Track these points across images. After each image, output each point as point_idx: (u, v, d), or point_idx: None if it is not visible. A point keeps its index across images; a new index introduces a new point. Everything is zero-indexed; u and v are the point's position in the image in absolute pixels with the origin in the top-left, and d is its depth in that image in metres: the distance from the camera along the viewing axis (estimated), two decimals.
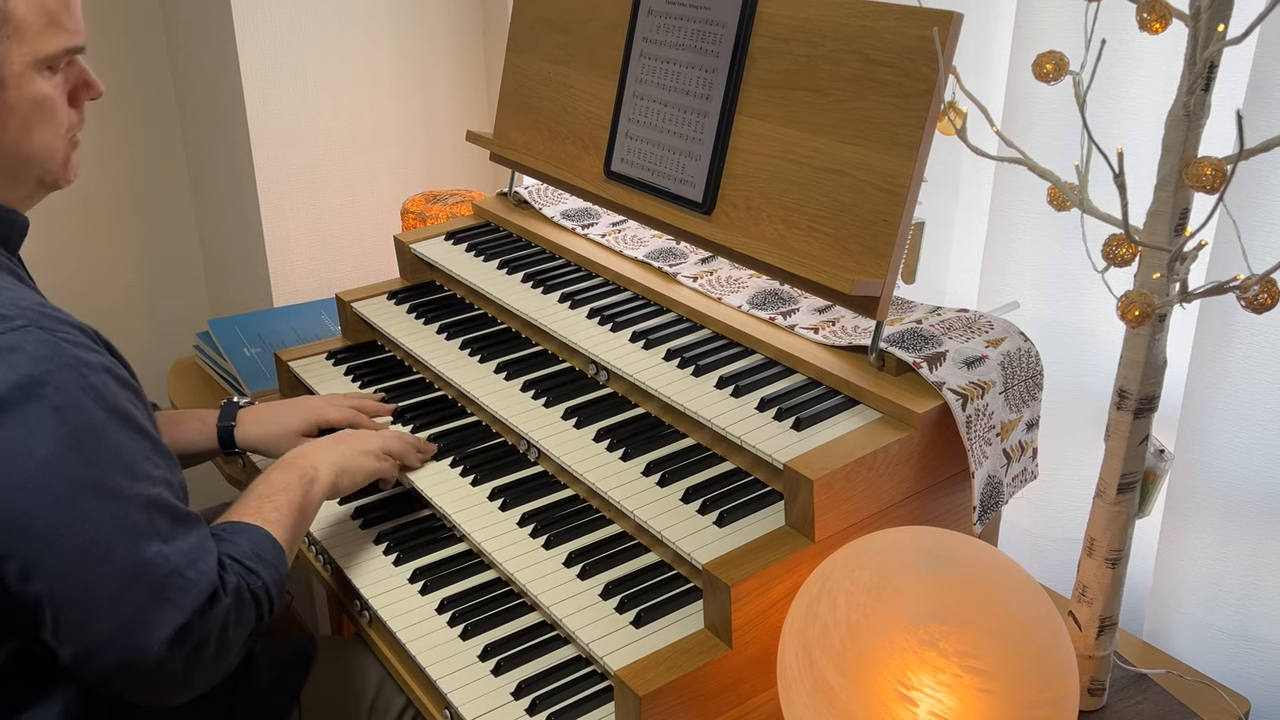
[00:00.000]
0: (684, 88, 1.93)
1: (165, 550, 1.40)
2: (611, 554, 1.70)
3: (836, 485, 1.53)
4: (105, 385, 1.42)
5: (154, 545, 1.39)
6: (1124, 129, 1.81)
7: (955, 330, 1.73)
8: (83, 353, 1.42)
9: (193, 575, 1.41)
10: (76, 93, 1.58)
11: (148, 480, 1.42)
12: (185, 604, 1.39)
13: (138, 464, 1.42)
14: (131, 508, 1.39)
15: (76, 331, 1.44)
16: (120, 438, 1.41)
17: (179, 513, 1.45)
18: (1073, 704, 1.33)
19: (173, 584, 1.39)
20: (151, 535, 1.40)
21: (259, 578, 1.52)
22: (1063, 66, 1.40)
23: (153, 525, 1.40)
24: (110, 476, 1.39)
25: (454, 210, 2.68)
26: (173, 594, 1.39)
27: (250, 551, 1.54)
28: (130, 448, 1.42)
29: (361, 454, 1.83)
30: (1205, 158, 1.30)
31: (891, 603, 1.31)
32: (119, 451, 1.41)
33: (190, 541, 1.43)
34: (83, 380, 1.40)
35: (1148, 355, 1.47)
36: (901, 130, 1.60)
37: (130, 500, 1.39)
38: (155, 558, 1.39)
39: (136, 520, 1.39)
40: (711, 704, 1.51)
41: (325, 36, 2.89)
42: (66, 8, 1.51)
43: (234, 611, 1.46)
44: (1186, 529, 1.78)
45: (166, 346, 3.36)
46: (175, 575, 1.39)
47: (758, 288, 1.94)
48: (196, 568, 1.42)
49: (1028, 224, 1.95)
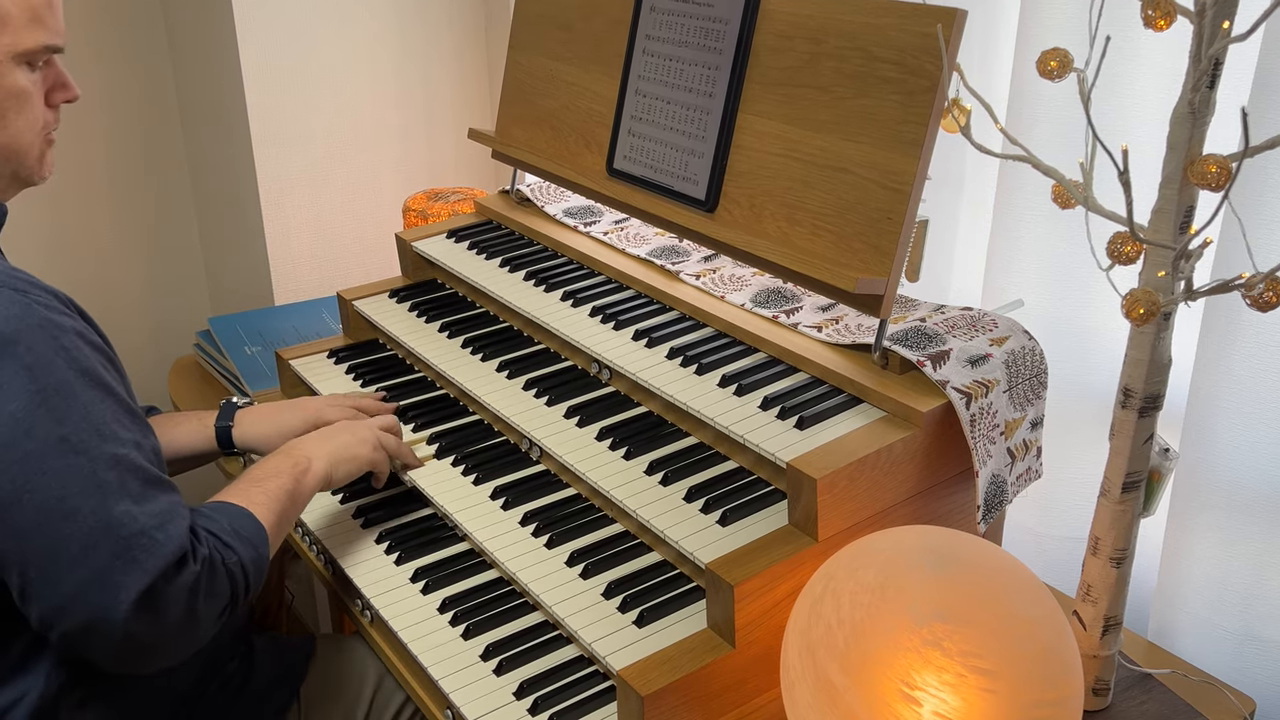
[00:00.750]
0: (687, 85, 1.92)
1: (133, 510, 1.39)
2: (614, 553, 1.70)
3: (840, 484, 1.52)
4: (76, 347, 1.43)
5: (122, 504, 1.39)
6: (1128, 126, 1.80)
7: (959, 328, 1.73)
8: (54, 315, 1.43)
9: (160, 537, 1.40)
10: (53, 93, 1.59)
11: (116, 441, 1.42)
12: (151, 565, 1.38)
13: (107, 424, 1.42)
14: (99, 466, 1.39)
15: (49, 295, 1.46)
16: (90, 398, 1.42)
17: (149, 475, 1.44)
18: (1077, 704, 1.33)
19: (139, 544, 1.38)
20: (120, 494, 1.39)
21: (234, 553, 1.51)
22: (1067, 63, 1.39)
23: (121, 485, 1.40)
24: (78, 434, 1.39)
25: (456, 208, 2.68)
26: (139, 554, 1.38)
27: (228, 527, 1.53)
28: (100, 408, 1.42)
29: (356, 444, 1.82)
30: (1210, 155, 1.30)
31: (895, 602, 1.30)
32: (88, 411, 1.41)
33: (160, 504, 1.43)
34: (54, 341, 1.41)
35: (1152, 354, 1.46)
36: (905, 127, 1.60)
37: (98, 458, 1.39)
38: (123, 516, 1.38)
39: (104, 478, 1.39)
40: (714, 704, 1.51)
41: (327, 33, 2.88)
42: (49, 6, 1.53)
43: (205, 581, 1.44)
44: (1191, 528, 1.78)
45: (167, 345, 3.35)
46: (142, 535, 1.38)
47: (761, 286, 1.94)
48: (165, 530, 1.41)
49: (1032, 222, 1.95)
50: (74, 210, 3.15)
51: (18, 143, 1.54)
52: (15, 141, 1.54)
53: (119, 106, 3.16)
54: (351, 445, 1.81)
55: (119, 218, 3.25)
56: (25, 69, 1.52)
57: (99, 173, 3.18)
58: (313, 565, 1.93)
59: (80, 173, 3.13)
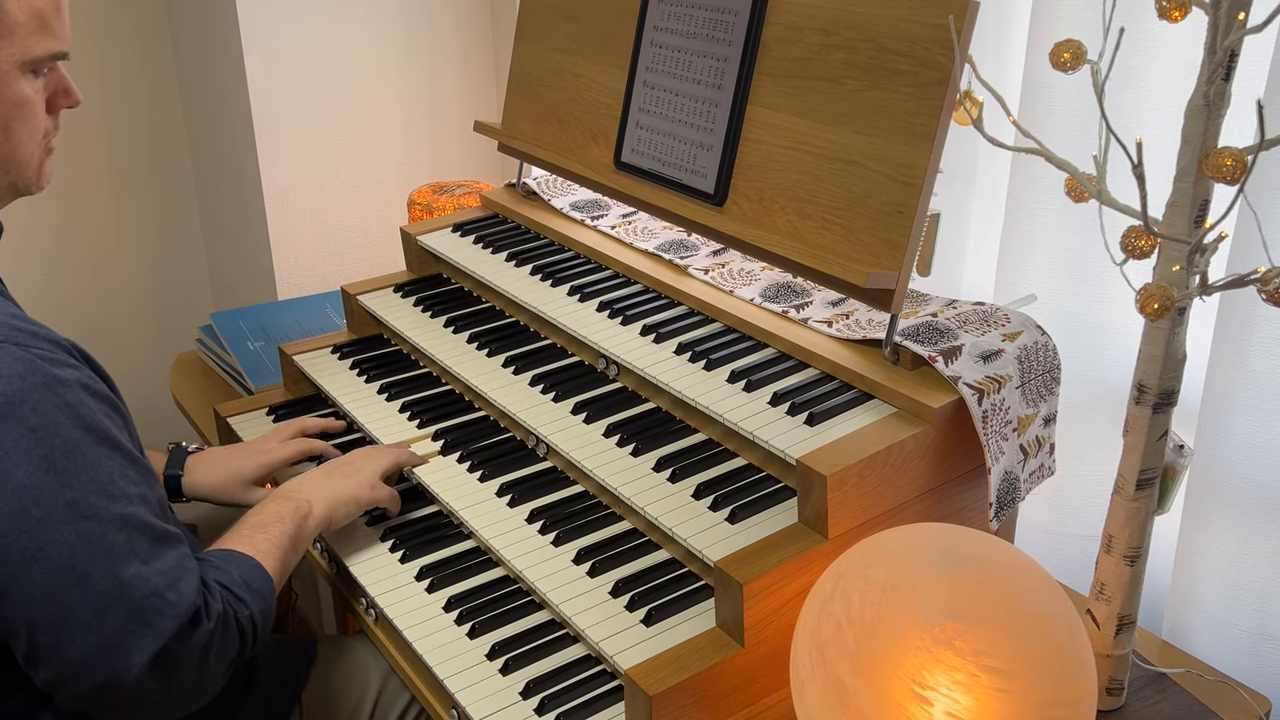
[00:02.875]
0: (695, 77, 1.91)
1: (144, 571, 1.39)
2: (621, 551, 1.70)
3: (850, 481, 1.52)
4: (81, 403, 1.41)
5: (132, 566, 1.38)
6: (1143, 119, 1.79)
7: (971, 324, 1.72)
8: (58, 369, 1.40)
9: (172, 597, 1.39)
10: (54, 99, 1.56)
11: (124, 499, 1.41)
12: (164, 627, 1.38)
13: (114, 482, 1.41)
14: (109, 529, 1.38)
15: (53, 346, 1.43)
16: (96, 456, 1.40)
17: (157, 531, 1.43)
18: (1091, 704, 1.32)
19: (151, 606, 1.38)
20: (129, 556, 1.38)
21: (246, 607, 1.51)
22: (1080, 55, 1.38)
23: (130, 546, 1.39)
24: (86, 497, 1.37)
25: (461, 202, 2.67)
26: (151, 616, 1.37)
27: (240, 580, 1.53)
28: (107, 465, 1.41)
29: (354, 487, 1.81)
30: (1225, 148, 1.29)
31: (906, 601, 1.30)
32: (95, 471, 1.39)
33: (169, 561, 1.42)
34: (58, 399, 1.38)
35: (1167, 349, 1.45)
36: (917, 120, 1.59)
37: (107, 521, 1.38)
38: (133, 579, 1.37)
39: (114, 541, 1.38)
40: (723, 704, 1.50)
41: (331, 25, 2.88)
42: (57, 12, 1.50)
43: (218, 638, 1.45)
44: (1206, 526, 1.77)
45: (169, 340, 3.36)
46: (154, 597, 1.38)
47: (770, 280, 1.93)
48: (176, 589, 1.40)
49: (1045, 216, 1.94)
50: (76, 205, 3.15)
51: (19, 153, 1.52)
52: (17, 152, 1.51)
53: (121, 101, 3.16)
54: (350, 489, 1.80)
55: (121, 212, 3.25)
56: (30, 77, 1.49)
57: (101, 167, 3.18)
58: (317, 563, 1.93)
59: (82, 167, 3.13)
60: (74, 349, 1.47)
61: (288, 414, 2.21)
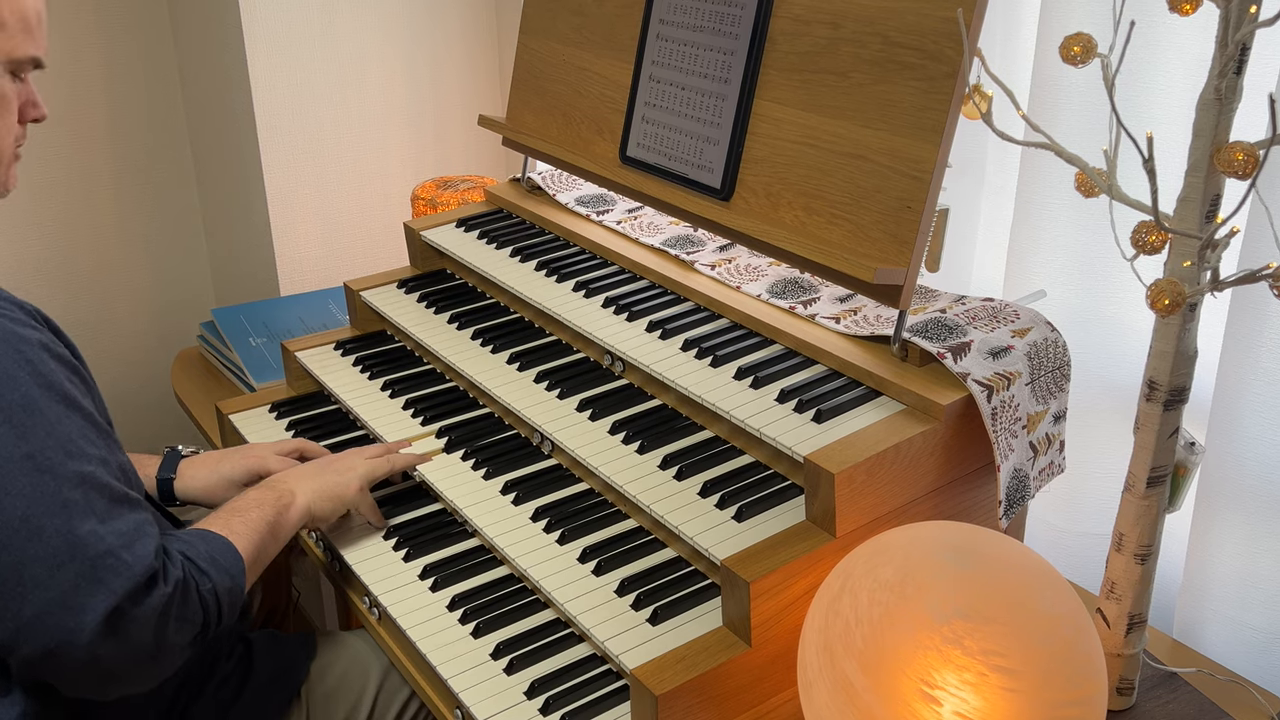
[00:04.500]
0: (702, 70, 1.90)
1: (99, 529, 1.38)
2: (627, 549, 1.69)
3: (858, 479, 1.51)
4: (41, 360, 1.42)
5: (88, 523, 1.37)
6: (1153, 113, 1.79)
7: (980, 320, 1.71)
8: (18, 328, 1.42)
9: (127, 557, 1.38)
10: (24, 109, 1.60)
11: (82, 457, 1.40)
12: (117, 585, 1.36)
13: (73, 440, 1.41)
14: (65, 484, 1.37)
15: (14, 308, 1.44)
16: (56, 413, 1.40)
17: (116, 492, 1.43)
18: (1101, 703, 1.32)
19: (105, 564, 1.37)
20: (86, 513, 1.38)
21: (209, 579, 1.50)
22: (1091, 49, 1.39)
23: (87, 503, 1.38)
24: (43, 451, 1.37)
25: (465, 196, 2.67)
26: (105, 574, 1.36)
27: (206, 554, 1.53)
28: (66, 424, 1.41)
29: (342, 484, 1.81)
30: (1237, 143, 1.29)
31: (915, 599, 1.29)
32: (53, 427, 1.39)
33: (127, 523, 1.41)
34: (17, 355, 1.39)
35: (1178, 345, 1.45)
36: (925, 114, 1.58)
37: (64, 477, 1.38)
38: (88, 536, 1.37)
39: (70, 497, 1.37)
40: (730, 703, 1.50)
41: (333, 18, 2.87)
42: (39, 21, 1.55)
43: (176, 605, 1.43)
44: (1218, 524, 1.76)
45: (170, 337, 3.35)
46: (109, 555, 1.37)
47: (777, 276, 1.92)
48: (132, 550, 1.39)
49: (1055, 211, 1.93)
50: (77, 199, 3.15)
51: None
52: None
53: (121, 95, 3.16)
54: (338, 485, 1.80)
55: (122, 207, 3.25)
56: (9, 78, 1.53)
57: (102, 161, 3.17)
58: (319, 562, 1.92)
59: (83, 161, 3.13)
60: (38, 314, 1.49)
61: (290, 411, 2.20)
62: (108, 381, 3.22)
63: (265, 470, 1.90)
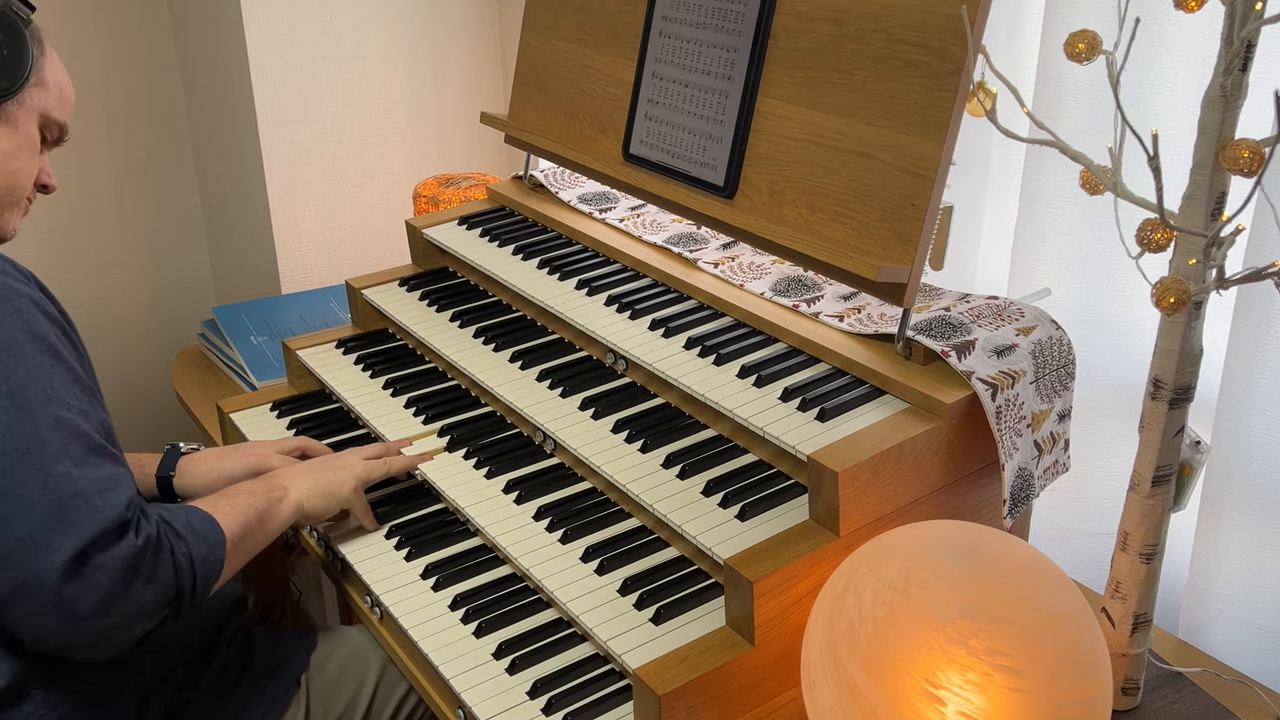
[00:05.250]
0: (705, 67, 1.90)
1: (73, 472, 1.38)
2: (630, 549, 1.69)
3: (862, 478, 1.51)
4: (28, 311, 1.44)
5: (61, 465, 1.38)
6: (1159, 110, 1.78)
7: (984, 318, 1.71)
8: (12, 281, 1.44)
9: (99, 502, 1.38)
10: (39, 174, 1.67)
11: (62, 404, 1.41)
12: (85, 528, 1.36)
13: (54, 389, 1.42)
14: (41, 425, 1.38)
15: (7, 263, 1.47)
16: (39, 361, 1.42)
17: (93, 443, 1.43)
18: (1106, 704, 1.31)
19: (75, 506, 1.36)
20: (60, 455, 1.38)
21: (185, 544, 1.49)
22: (1096, 46, 1.37)
23: (63, 446, 1.39)
24: (23, 391, 1.39)
25: (467, 194, 2.66)
26: (74, 515, 1.36)
27: (184, 520, 1.52)
28: (49, 373, 1.42)
29: (336, 483, 1.80)
30: (1242, 140, 1.28)
31: (919, 599, 1.29)
32: (35, 371, 1.41)
33: (103, 472, 1.41)
34: (5, 303, 1.42)
35: (1183, 344, 1.44)
36: (929, 111, 1.58)
37: (41, 417, 1.39)
38: (60, 477, 1.37)
39: (46, 438, 1.38)
40: (733, 703, 1.49)
41: (335, 14, 2.87)
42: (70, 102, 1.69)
43: (147, 561, 1.42)
44: (1223, 523, 1.76)
45: (170, 335, 3.35)
46: (79, 498, 1.37)
47: (781, 274, 1.91)
48: (104, 496, 1.39)
49: (1059, 208, 1.93)
50: (77, 197, 3.14)
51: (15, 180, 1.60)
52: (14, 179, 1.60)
53: (122, 93, 3.15)
54: (332, 484, 1.80)
55: (122, 205, 3.25)
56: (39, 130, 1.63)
57: (102, 158, 3.17)
58: (319, 560, 1.92)
59: (83, 158, 3.12)
60: (33, 278, 1.50)
61: (292, 409, 2.19)
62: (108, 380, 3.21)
63: (267, 468, 1.89)
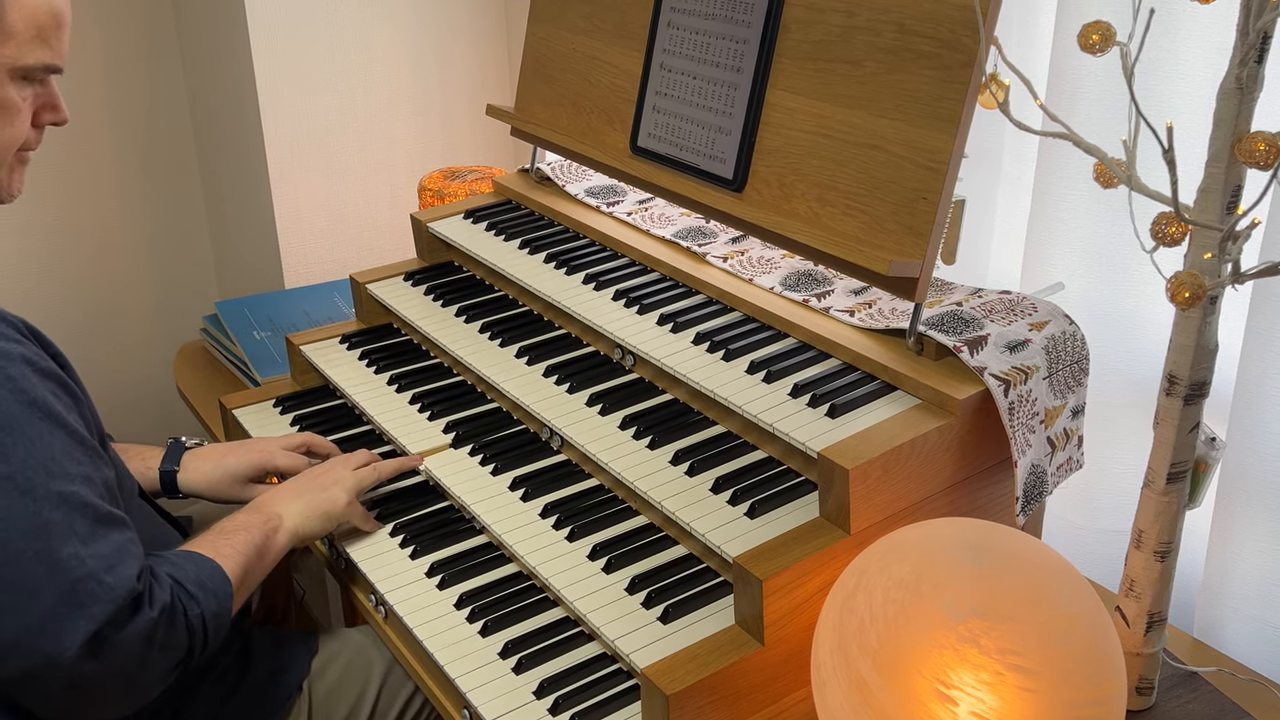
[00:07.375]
0: (714, 59, 1.89)
1: (81, 552, 1.36)
2: (638, 546, 1.68)
3: (873, 475, 1.50)
4: (23, 376, 1.40)
5: (69, 546, 1.36)
6: (1173, 103, 1.78)
7: (997, 313, 1.70)
8: (1, 342, 1.40)
9: (110, 580, 1.37)
10: (41, 113, 1.60)
11: (65, 477, 1.39)
12: (98, 611, 1.35)
13: (55, 460, 1.39)
14: (45, 505, 1.36)
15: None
16: (37, 431, 1.39)
17: (99, 512, 1.41)
18: (1120, 703, 1.31)
19: (86, 589, 1.35)
20: (67, 535, 1.36)
21: (197, 605, 1.49)
22: (1109, 37, 1.37)
23: (69, 525, 1.37)
24: (23, 472, 1.36)
25: (473, 187, 2.66)
26: (85, 599, 1.35)
27: (194, 578, 1.51)
28: (48, 441, 1.39)
29: (328, 501, 1.79)
30: (1259, 133, 1.27)
31: (930, 598, 1.28)
32: (34, 445, 1.38)
33: (110, 545, 1.40)
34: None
35: (1198, 339, 1.44)
36: (941, 104, 1.57)
37: (44, 498, 1.36)
38: (68, 560, 1.35)
39: (50, 519, 1.36)
40: (742, 703, 1.49)
41: (339, 6, 2.87)
42: (57, 29, 1.54)
43: (162, 630, 1.42)
44: (1239, 520, 1.75)
45: (172, 330, 3.35)
46: (89, 579, 1.36)
47: (791, 268, 1.91)
48: (115, 573, 1.38)
49: (1073, 202, 1.92)
50: (79, 191, 3.14)
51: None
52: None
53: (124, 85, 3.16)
54: (324, 503, 1.79)
55: (124, 198, 3.25)
56: (20, 83, 1.52)
57: (105, 153, 3.17)
58: (323, 558, 1.92)
59: (86, 153, 3.12)
60: (23, 326, 1.48)
61: (295, 405, 2.19)
62: (110, 376, 3.22)
63: (272, 465, 1.89)
